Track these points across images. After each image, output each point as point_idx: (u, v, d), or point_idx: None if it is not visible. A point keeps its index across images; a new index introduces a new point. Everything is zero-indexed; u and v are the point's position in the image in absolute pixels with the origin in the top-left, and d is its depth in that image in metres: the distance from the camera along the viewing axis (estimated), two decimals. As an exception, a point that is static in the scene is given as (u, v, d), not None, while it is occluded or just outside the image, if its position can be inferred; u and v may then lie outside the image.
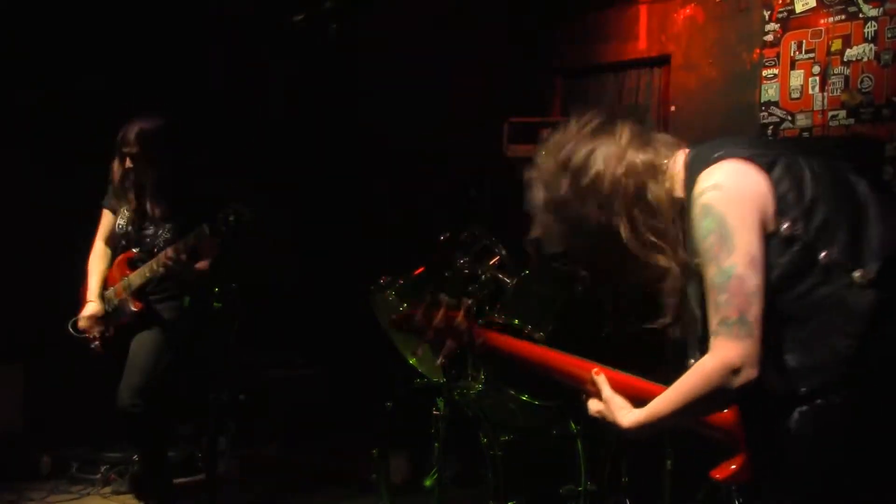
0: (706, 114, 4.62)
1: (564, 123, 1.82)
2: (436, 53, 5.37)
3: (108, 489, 4.16)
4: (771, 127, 4.32)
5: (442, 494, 3.05)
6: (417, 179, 5.41)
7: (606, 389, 1.78)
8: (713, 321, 1.58)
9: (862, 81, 4.03)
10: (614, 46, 5.04)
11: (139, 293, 3.70)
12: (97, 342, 3.81)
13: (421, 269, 3.58)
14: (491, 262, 3.57)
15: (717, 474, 1.73)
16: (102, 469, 4.25)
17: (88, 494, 4.12)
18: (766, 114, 4.34)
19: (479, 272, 3.51)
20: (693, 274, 1.67)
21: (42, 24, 4.63)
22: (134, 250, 3.76)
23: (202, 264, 3.69)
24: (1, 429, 4.41)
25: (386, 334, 3.72)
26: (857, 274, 1.56)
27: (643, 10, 4.87)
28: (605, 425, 1.78)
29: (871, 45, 4.00)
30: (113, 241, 3.90)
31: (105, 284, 3.84)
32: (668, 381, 1.70)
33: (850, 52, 4.07)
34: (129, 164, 3.70)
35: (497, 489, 3.04)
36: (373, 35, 5.34)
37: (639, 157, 1.73)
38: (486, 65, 5.22)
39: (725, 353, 1.55)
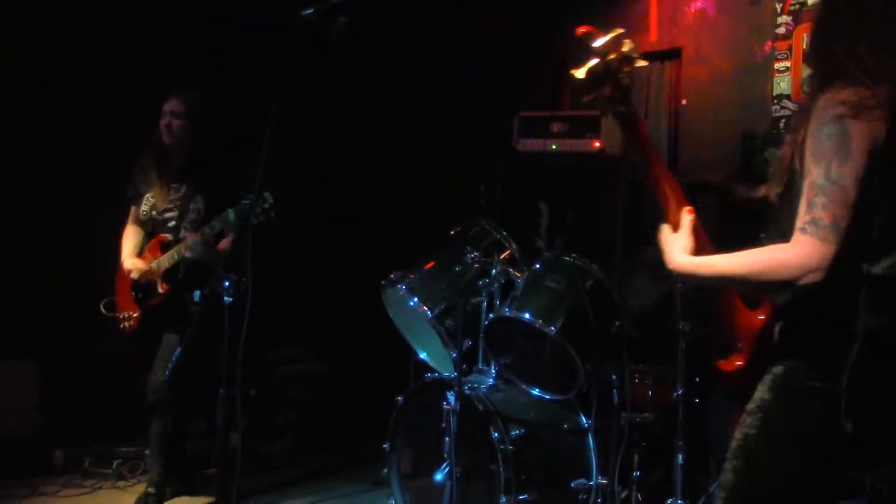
0: (718, 107, 4.59)
1: None
2: (444, 47, 5.36)
3: (121, 483, 4.19)
4: (783, 120, 4.29)
5: (453, 489, 3.06)
6: (428, 174, 5.40)
7: (685, 227, 1.83)
8: (804, 217, 1.62)
9: (875, 73, 3.99)
10: (625, 39, 5.01)
11: (167, 276, 3.78)
12: (129, 322, 3.86)
13: (432, 264, 3.57)
14: (502, 256, 3.57)
15: (725, 365, 1.80)
16: (115, 464, 4.28)
17: (101, 488, 4.14)
18: (778, 107, 4.32)
19: (490, 266, 3.50)
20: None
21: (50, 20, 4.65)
22: (168, 236, 3.81)
23: (224, 243, 3.76)
24: (15, 425, 4.43)
25: (397, 329, 3.73)
26: None
27: (654, 3, 4.85)
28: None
29: (885, 36, 3.96)
30: (141, 227, 3.97)
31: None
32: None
33: (863, 44, 4.03)
34: (167, 124, 3.79)
35: (508, 484, 3.04)
36: (380, 30, 5.34)
37: None
38: (495, 58, 5.19)
39: (809, 250, 1.60)
